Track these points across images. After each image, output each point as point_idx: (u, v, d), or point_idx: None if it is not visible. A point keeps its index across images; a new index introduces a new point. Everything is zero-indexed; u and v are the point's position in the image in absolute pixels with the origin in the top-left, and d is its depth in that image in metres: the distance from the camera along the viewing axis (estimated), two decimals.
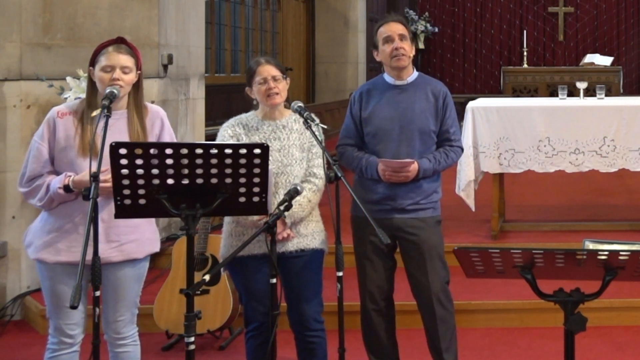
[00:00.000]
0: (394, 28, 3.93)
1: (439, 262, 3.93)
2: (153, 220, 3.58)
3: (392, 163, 3.84)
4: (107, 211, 3.31)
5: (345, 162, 4.03)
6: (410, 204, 3.91)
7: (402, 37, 3.92)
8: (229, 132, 3.78)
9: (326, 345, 3.84)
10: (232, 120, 3.83)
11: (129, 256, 3.47)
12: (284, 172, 3.72)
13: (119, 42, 3.48)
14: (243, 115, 3.85)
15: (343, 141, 4.06)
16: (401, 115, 3.92)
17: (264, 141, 3.67)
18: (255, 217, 3.53)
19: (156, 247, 3.61)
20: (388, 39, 3.92)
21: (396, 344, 4.09)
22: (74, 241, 3.34)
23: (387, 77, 4.02)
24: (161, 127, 3.54)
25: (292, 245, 3.74)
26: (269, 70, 3.73)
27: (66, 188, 3.32)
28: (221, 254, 3.88)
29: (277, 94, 3.73)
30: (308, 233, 3.78)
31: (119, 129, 3.42)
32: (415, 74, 4.04)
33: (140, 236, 3.50)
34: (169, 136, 3.55)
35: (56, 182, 3.34)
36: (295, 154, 3.75)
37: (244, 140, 3.72)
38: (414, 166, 3.84)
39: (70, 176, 3.33)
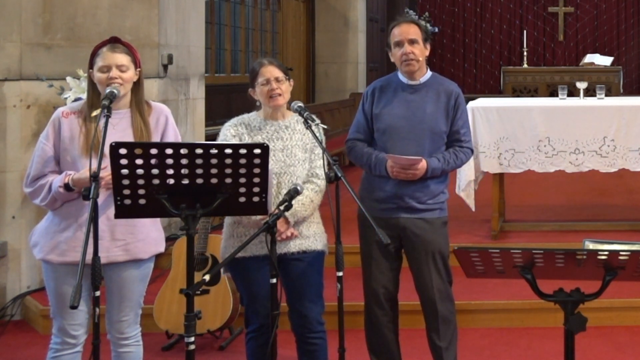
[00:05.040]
0: (405, 31, 3.92)
1: (442, 263, 3.94)
2: (158, 220, 3.58)
3: (400, 160, 3.84)
4: (113, 210, 3.30)
5: (353, 156, 4.04)
6: (417, 204, 3.90)
7: (412, 42, 3.91)
8: (232, 132, 3.77)
9: (327, 347, 3.84)
10: (234, 120, 3.83)
11: (134, 256, 3.47)
12: (287, 172, 3.72)
13: (114, 41, 3.49)
14: (245, 115, 3.84)
15: (353, 136, 4.06)
16: (412, 114, 3.92)
17: (266, 141, 3.67)
18: (259, 217, 3.52)
19: (161, 248, 3.61)
20: (398, 44, 3.93)
21: (398, 344, 4.09)
22: (79, 242, 3.31)
23: (401, 76, 4.02)
24: (165, 124, 3.54)
25: (294, 247, 3.74)
26: (271, 71, 3.73)
27: (66, 186, 3.33)
28: (221, 255, 3.88)
29: (279, 95, 3.73)
30: (310, 234, 3.78)
31: (122, 128, 3.43)
32: (429, 74, 4.03)
33: (146, 236, 3.50)
34: (173, 133, 3.55)
35: (57, 181, 3.35)
36: (298, 154, 3.75)
37: (247, 140, 3.72)
38: (422, 164, 3.83)
39: (70, 175, 3.34)
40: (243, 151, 2.99)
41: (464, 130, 4.01)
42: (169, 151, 2.93)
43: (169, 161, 2.93)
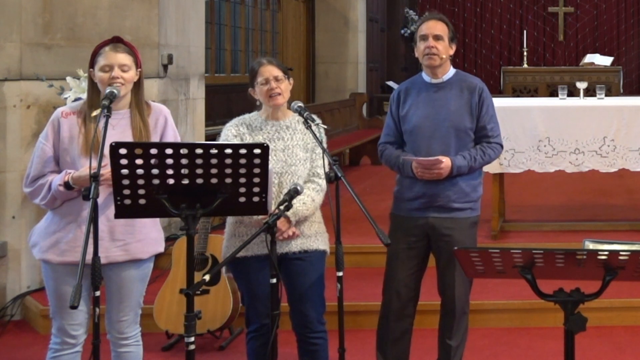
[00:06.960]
0: (432, 27, 3.93)
1: None
2: (158, 220, 3.58)
3: (421, 161, 3.85)
4: (112, 210, 3.30)
5: (384, 160, 4.06)
6: (446, 203, 3.89)
7: (437, 37, 3.91)
8: (233, 132, 3.78)
9: (328, 347, 3.84)
10: (235, 120, 3.84)
11: (134, 256, 3.47)
12: (288, 172, 3.72)
13: (116, 41, 3.49)
14: (246, 115, 3.85)
15: (384, 139, 4.08)
16: (436, 113, 3.92)
17: (267, 141, 3.67)
18: (260, 217, 3.51)
19: (161, 248, 3.61)
20: (423, 37, 3.94)
21: (409, 345, 4.09)
22: (79, 241, 3.31)
23: (424, 76, 4.03)
24: (164, 124, 3.54)
25: (295, 246, 3.74)
26: (270, 70, 3.74)
27: (66, 185, 3.33)
28: (223, 255, 3.88)
29: (279, 94, 3.73)
30: (312, 234, 3.78)
31: (122, 128, 3.43)
32: (452, 71, 4.02)
33: (146, 236, 3.50)
34: (173, 133, 3.56)
35: (57, 180, 3.35)
36: (299, 154, 3.76)
37: (248, 139, 3.72)
38: (446, 163, 3.83)
39: (70, 173, 3.34)
40: (243, 151, 2.99)
41: (491, 125, 3.99)
42: (169, 151, 2.93)
43: (169, 161, 2.93)
